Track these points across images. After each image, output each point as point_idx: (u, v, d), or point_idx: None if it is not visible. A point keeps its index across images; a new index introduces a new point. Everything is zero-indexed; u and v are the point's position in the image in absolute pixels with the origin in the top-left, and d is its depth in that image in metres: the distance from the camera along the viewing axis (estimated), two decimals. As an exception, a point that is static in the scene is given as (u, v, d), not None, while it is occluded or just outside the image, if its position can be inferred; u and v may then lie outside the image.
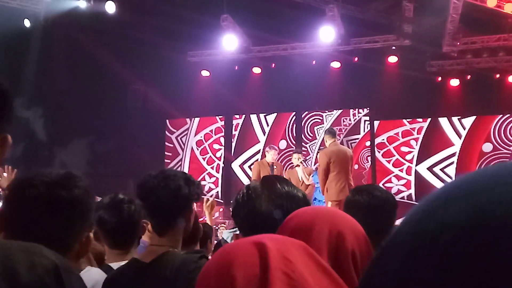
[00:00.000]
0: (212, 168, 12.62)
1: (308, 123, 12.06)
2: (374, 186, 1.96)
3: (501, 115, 10.98)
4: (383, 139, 11.56)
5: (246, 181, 11.61)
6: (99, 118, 11.70)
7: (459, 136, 11.15)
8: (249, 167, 12.15)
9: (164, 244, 1.99)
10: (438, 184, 10.94)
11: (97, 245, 2.50)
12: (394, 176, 11.42)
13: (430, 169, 11.19)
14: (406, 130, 11.47)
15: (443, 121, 11.29)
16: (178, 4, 10.61)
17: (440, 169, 11.13)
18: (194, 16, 10.49)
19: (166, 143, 12.94)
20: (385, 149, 11.54)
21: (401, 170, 11.40)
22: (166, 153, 12.90)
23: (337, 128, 11.32)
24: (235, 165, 12.36)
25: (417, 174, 11.27)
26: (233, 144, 12.54)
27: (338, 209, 1.22)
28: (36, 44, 11.33)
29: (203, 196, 3.72)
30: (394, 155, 11.47)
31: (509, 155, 10.72)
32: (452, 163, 11.10)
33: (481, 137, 11.05)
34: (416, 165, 11.29)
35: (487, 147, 10.95)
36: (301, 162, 7.37)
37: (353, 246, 1.03)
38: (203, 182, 12.05)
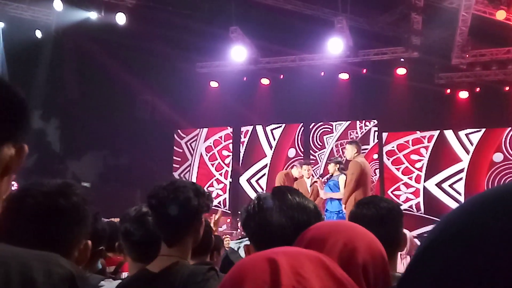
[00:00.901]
0: (220, 174, 12.65)
1: (317, 133, 12.07)
2: (379, 198, 1.96)
3: (510, 128, 10.93)
4: (393, 147, 11.54)
5: (253, 195, 11.61)
6: (108, 129, 11.77)
7: (467, 151, 11.09)
8: (257, 181, 12.19)
9: (173, 254, 2.00)
10: (447, 200, 10.93)
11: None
12: (403, 184, 11.38)
13: (438, 185, 11.12)
14: (416, 138, 11.44)
15: (450, 136, 11.24)
16: (187, 16, 10.70)
17: (449, 186, 11.07)
18: (203, 27, 10.57)
19: (175, 148, 12.99)
20: (394, 157, 11.51)
21: (410, 178, 11.35)
22: (174, 157, 12.95)
23: (344, 141, 11.40)
24: (243, 180, 12.37)
25: (425, 189, 11.20)
26: (241, 156, 12.57)
27: (359, 225, 1.21)
28: (47, 55, 11.46)
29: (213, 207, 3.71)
30: (404, 163, 11.43)
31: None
32: (460, 179, 11.03)
33: (491, 149, 10.98)
34: (424, 181, 11.22)
35: (497, 157, 10.89)
36: (312, 175, 7.36)
37: (365, 261, 1.04)
38: (211, 188, 12.12)
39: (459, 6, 9.45)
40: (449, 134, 11.27)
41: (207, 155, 12.83)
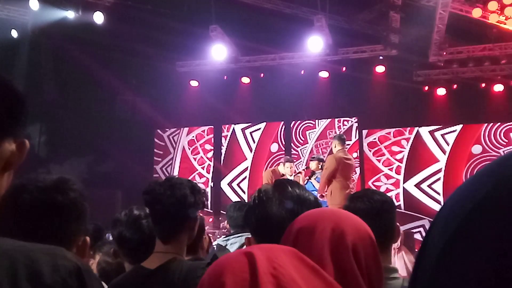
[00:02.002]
0: (202, 168, 12.64)
1: (299, 129, 12.14)
2: (372, 191, 1.99)
3: (487, 124, 11.16)
4: (375, 138, 11.68)
5: (234, 198, 11.65)
6: (87, 129, 11.63)
7: (443, 152, 11.31)
8: (238, 184, 12.21)
9: (168, 251, 2.00)
10: (426, 200, 11.14)
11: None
12: (383, 175, 11.52)
13: (417, 186, 11.32)
14: (397, 130, 11.63)
15: (427, 137, 11.44)
16: (166, 15, 10.63)
17: (428, 186, 11.27)
18: (182, 26, 10.50)
19: (156, 140, 12.97)
20: (376, 148, 11.68)
21: (390, 169, 11.50)
22: (156, 151, 12.91)
23: (323, 141, 11.53)
24: (224, 184, 12.38)
25: (404, 190, 11.40)
26: (223, 155, 12.58)
27: (342, 210, 1.25)
28: (23, 55, 11.25)
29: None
30: (385, 154, 11.59)
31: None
32: (438, 179, 11.24)
33: (469, 144, 11.21)
34: (403, 182, 11.39)
35: (476, 149, 11.12)
36: (294, 171, 7.41)
37: (354, 242, 1.07)
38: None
39: (436, 4, 9.61)
40: (425, 134, 11.45)
41: (189, 148, 12.80)
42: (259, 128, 12.42)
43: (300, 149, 12.06)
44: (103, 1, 10.87)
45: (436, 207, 11.04)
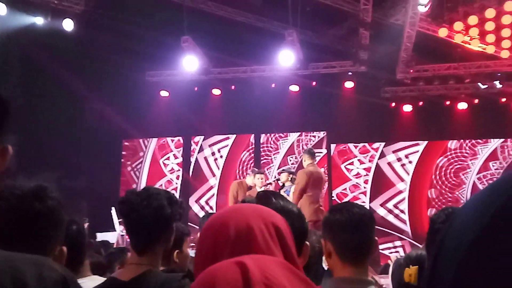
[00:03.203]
0: (172, 173, 12.54)
1: (271, 138, 12.20)
2: (351, 203, 2.01)
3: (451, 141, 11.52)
4: (345, 147, 11.92)
5: (201, 214, 11.55)
6: (54, 137, 11.36)
7: (407, 172, 11.60)
8: (206, 202, 12.13)
9: (143, 263, 1.97)
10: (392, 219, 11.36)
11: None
12: (352, 185, 11.75)
13: (383, 205, 11.54)
14: (364, 147, 11.87)
15: (391, 157, 11.71)
16: (138, 24, 10.56)
17: (393, 205, 11.50)
18: (154, 36, 10.45)
19: (125, 143, 12.80)
20: (345, 156, 11.92)
21: (357, 186, 11.75)
22: (123, 152, 12.77)
23: (292, 156, 11.64)
24: (192, 200, 12.26)
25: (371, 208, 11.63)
26: (191, 167, 12.50)
27: (239, 204, 1.21)
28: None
29: None
30: (353, 165, 11.84)
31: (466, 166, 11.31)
32: (403, 198, 11.49)
33: (434, 160, 11.50)
34: (370, 202, 11.59)
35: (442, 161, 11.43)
36: (268, 183, 7.43)
37: (283, 227, 1.03)
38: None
39: (404, 23, 9.87)
40: (389, 155, 11.71)
41: (159, 153, 12.70)
42: (227, 145, 12.38)
43: (273, 154, 12.10)
44: (73, 8, 10.73)
45: (402, 225, 11.31)
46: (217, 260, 0.96)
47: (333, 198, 11.68)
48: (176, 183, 12.50)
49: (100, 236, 8.24)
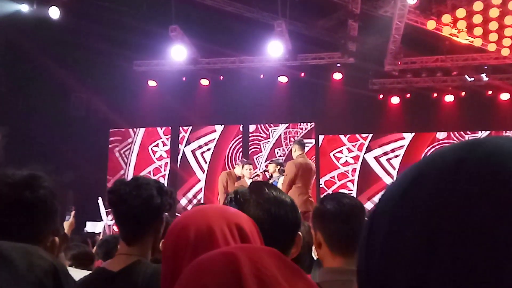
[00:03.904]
0: (159, 163, 12.49)
1: (261, 128, 12.21)
2: (342, 194, 2.01)
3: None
4: (334, 138, 12.03)
5: (189, 208, 11.52)
6: (40, 126, 11.23)
7: (391, 176, 11.65)
8: (194, 195, 12.09)
9: (132, 253, 1.96)
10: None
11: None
12: (339, 173, 11.82)
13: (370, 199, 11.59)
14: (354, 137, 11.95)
15: (372, 163, 11.76)
16: (126, 13, 10.45)
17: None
18: (142, 25, 10.34)
19: (113, 130, 12.70)
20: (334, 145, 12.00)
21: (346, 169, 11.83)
22: (110, 138, 12.66)
23: (280, 148, 11.64)
24: (179, 194, 12.18)
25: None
26: (179, 158, 12.45)
27: (204, 206, 1.22)
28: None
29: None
30: (342, 152, 11.90)
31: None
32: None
33: (420, 152, 11.57)
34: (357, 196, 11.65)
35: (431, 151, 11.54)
36: (256, 174, 7.42)
37: (249, 228, 1.06)
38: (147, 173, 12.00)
39: (393, 15, 9.89)
40: (370, 160, 11.76)
41: (148, 140, 12.65)
42: (214, 138, 12.33)
43: (262, 143, 12.10)
44: (60, -5, 10.57)
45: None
46: (178, 263, 0.97)
47: (321, 186, 11.70)
48: (164, 172, 12.44)
49: (90, 225, 8.21)
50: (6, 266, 0.87)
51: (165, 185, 2.08)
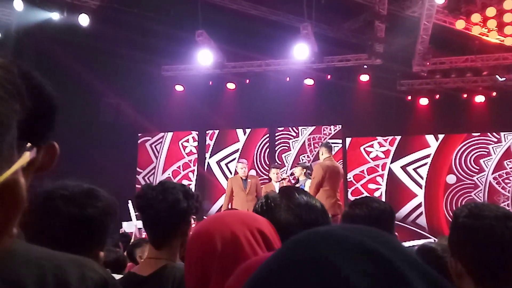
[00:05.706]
0: (186, 173, 12.60)
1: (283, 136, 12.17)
2: (372, 198, 1.99)
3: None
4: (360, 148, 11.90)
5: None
6: (71, 132, 11.45)
7: (420, 186, 11.49)
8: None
9: (161, 257, 1.98)
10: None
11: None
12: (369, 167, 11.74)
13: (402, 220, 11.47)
14: (379, 142, 11.78)
15: (400, 173, 11.61)
16: (153, 19, 10.59)
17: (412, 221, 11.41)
18: (169, 30, 10.47)
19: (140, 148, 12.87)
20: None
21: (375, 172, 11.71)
22: (139, 134, 12.89)
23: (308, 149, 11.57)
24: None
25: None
26: (206, 160, 12.53)
27: (221, 213, 1.23)
28: (7, 56, 11.04)
29: None
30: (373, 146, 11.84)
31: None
32: (421, 213, 11.39)
33: (450, 153, 11.38)
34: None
35: (450, 179, 11.37)
36: (282, 178, 7.42)
37: (269, 231, 1.08)
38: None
39: (421, 15, 9.75)
40: (397, 170, 11.61)
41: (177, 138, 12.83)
42: (237, 149, 12.35)
43: (285, 156, 12.08)
44: (89, 3, 10.78)
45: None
46: (205, 270, 0.98)
47: (349, 180, 11.58)
48: (193, 168, 12.53)
49: (126, 225, 8.36)
50: (60, 276, 0.90)
51: (193, 189, 2.10)
